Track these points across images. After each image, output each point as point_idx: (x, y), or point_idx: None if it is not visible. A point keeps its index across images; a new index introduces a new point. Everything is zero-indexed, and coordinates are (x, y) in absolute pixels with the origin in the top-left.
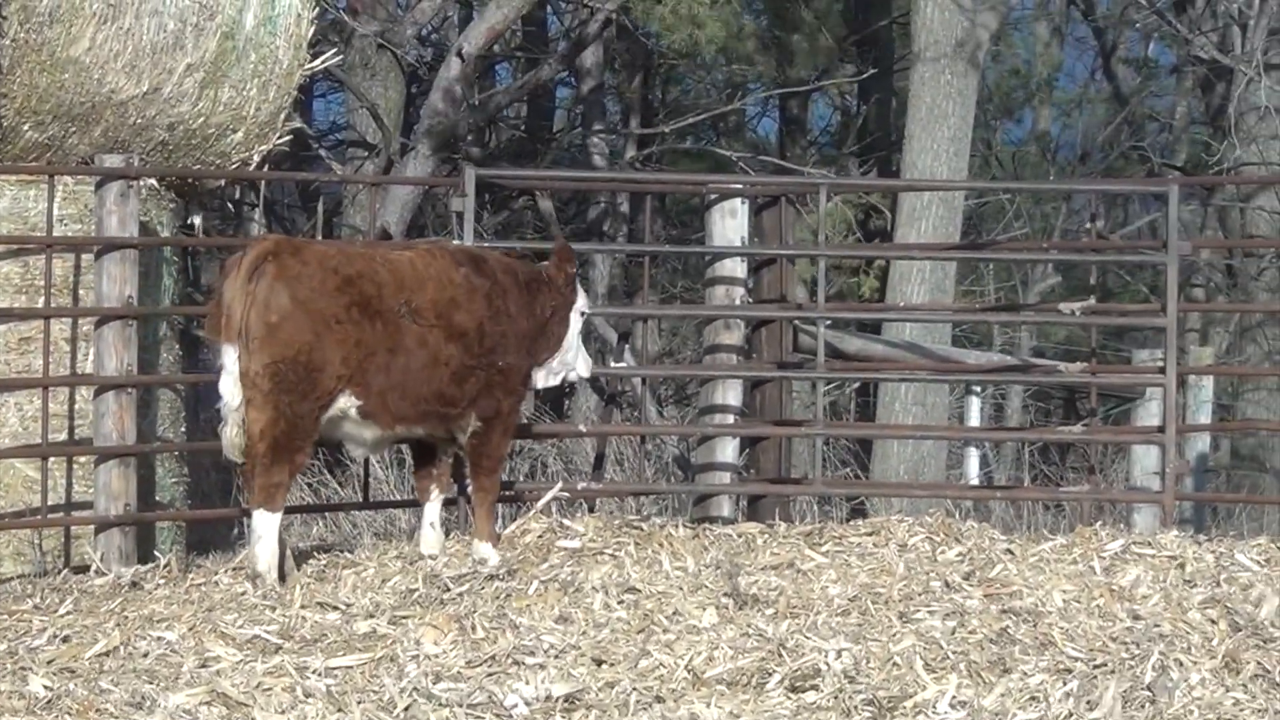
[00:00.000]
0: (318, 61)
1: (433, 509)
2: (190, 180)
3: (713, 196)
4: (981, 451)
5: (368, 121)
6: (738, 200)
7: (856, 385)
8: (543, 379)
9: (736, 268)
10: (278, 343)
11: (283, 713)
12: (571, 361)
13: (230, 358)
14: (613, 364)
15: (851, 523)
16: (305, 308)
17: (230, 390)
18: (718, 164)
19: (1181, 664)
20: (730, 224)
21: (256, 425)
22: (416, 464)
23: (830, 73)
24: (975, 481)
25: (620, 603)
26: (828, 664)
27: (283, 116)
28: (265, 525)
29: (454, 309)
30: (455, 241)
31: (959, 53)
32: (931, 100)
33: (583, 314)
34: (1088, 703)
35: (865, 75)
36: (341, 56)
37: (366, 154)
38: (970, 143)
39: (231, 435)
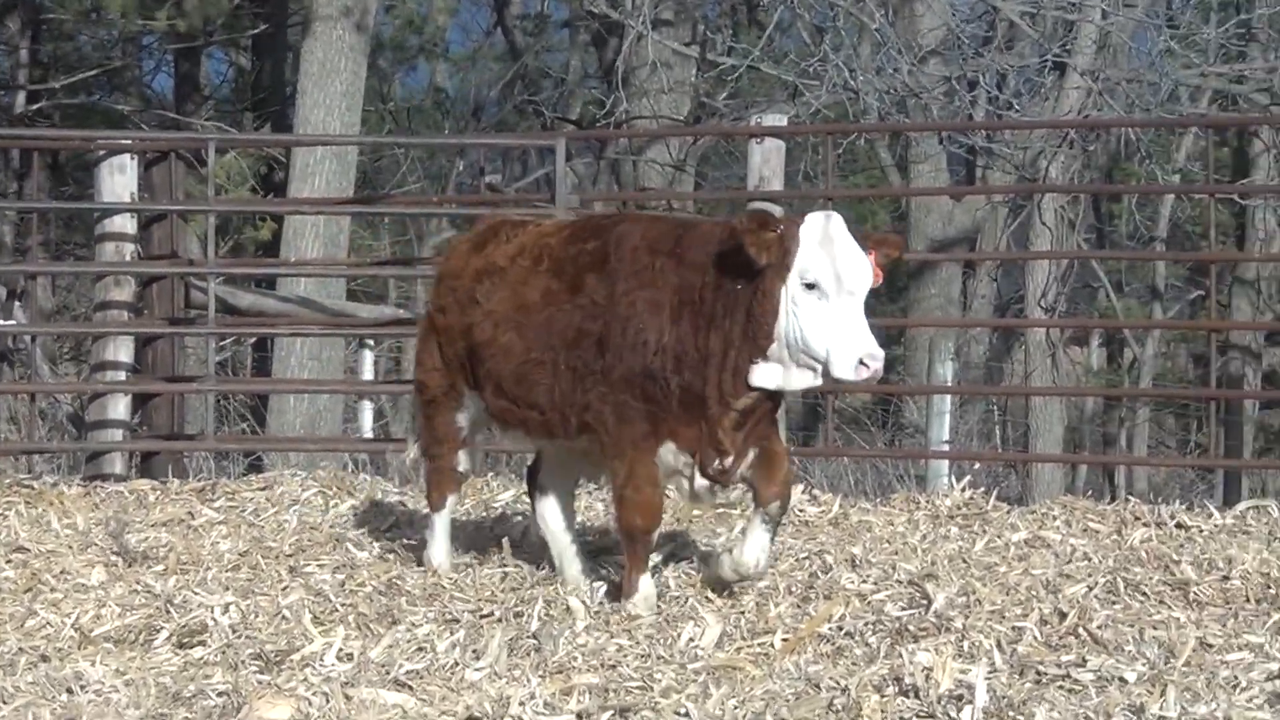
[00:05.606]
0: None
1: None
2: None
3: (101, 153)
4: (377, 404)
5: None
6: (126, 156)
7: (253, 340)
8: None
9: (126, 224)
10: None
11: None
12: None
13: None
14: (2, 321)
15: (245, 478)
16: None
17: None
18: (111, 120)
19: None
20: (119, 180)
21: None
22: None
23: (225, 28)
24: (370, 434)
25: (9, 562)
26: (215, 619)
27: None
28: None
29: None
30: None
31: (351, 10)
32: (324, 56)
33: None
34: (474, 652)
35: (259, 31)
36: None
37: None
38: (364, 97)
39: None
